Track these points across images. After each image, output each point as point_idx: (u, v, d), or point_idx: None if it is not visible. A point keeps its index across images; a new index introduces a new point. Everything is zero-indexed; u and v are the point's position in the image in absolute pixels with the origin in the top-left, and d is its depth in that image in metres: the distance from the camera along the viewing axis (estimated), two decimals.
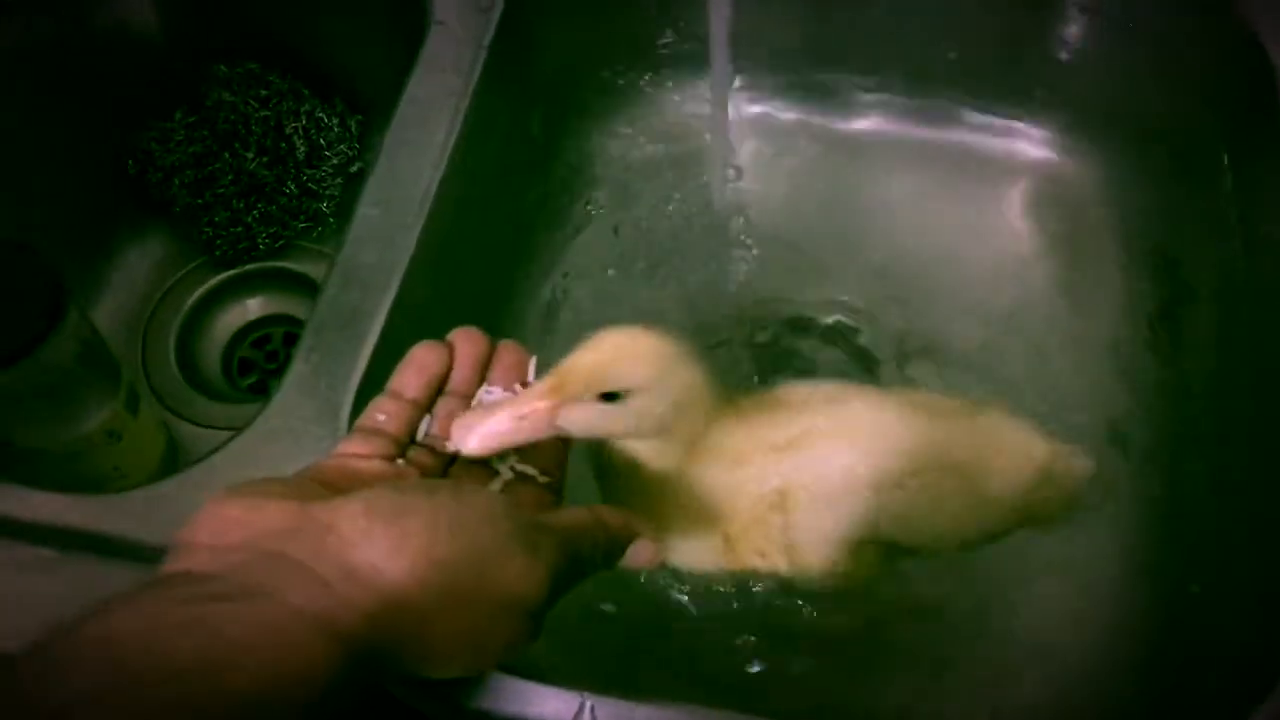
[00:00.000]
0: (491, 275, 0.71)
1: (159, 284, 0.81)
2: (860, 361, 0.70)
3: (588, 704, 0.44)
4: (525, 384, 0.47)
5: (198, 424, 0.76)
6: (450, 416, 0.45)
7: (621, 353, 0.43)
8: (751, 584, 0.55)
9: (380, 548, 0.34)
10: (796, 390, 0.53)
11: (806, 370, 0.70)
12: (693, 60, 0.76)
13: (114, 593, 0.31)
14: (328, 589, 0.33)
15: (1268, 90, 0.61)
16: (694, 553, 0.51)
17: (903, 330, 0.71)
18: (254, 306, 0.82)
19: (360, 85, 0.82)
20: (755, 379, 0.69)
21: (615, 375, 0.43)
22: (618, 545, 0.42)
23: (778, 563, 0.50)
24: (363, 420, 0.44)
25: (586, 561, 0.40)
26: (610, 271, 0.74)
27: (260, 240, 0.80)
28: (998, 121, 0.77)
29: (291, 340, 0.81)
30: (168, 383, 0.78)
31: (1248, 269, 0.63)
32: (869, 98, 0.78)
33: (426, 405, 0.45)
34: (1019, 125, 0.77)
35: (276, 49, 0.80)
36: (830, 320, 0.72)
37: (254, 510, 0.35)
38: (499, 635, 0.37)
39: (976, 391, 0.68)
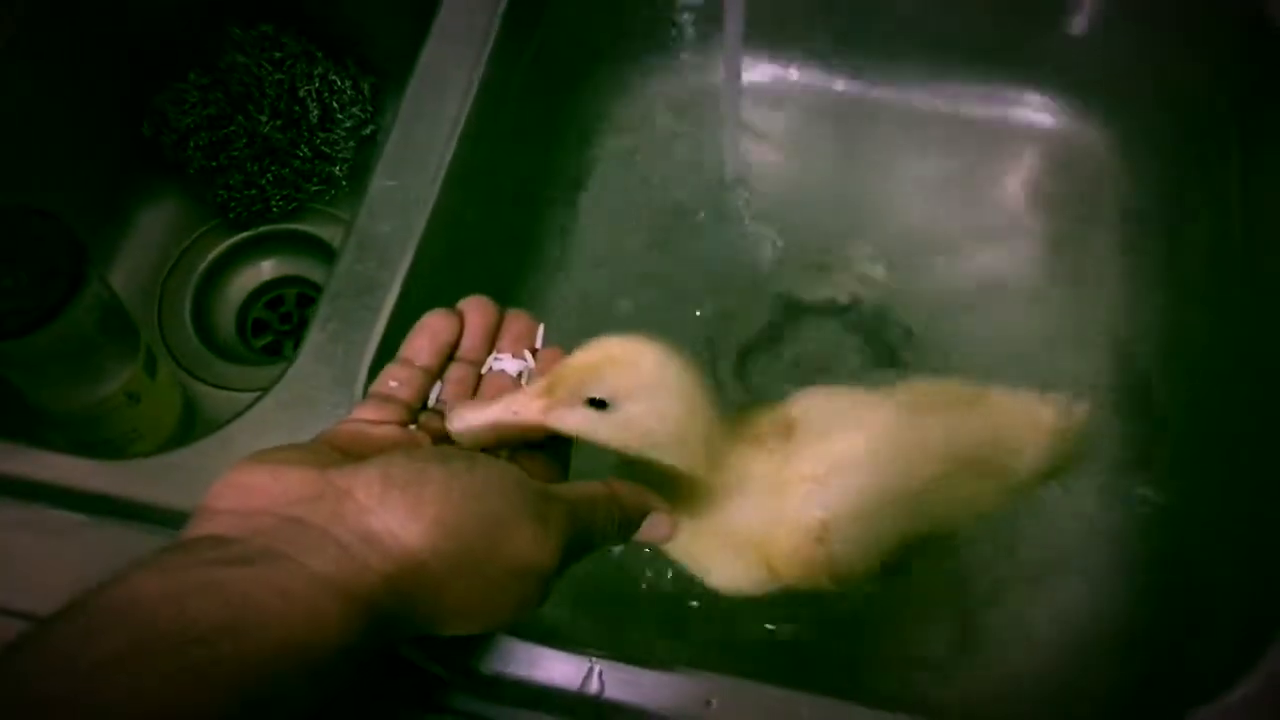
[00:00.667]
0: (504, 244, 0.72)
1: (174, 246, 0.82)
2: (869, 332, 0.71)
3: (596, 668, 0.46)
4: (534, 351, 0.48)
5: (213, 385, 0.78)
6: (461, 383, 0.46)
7: (614, 359, 0.43)
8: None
9: (396, 514, 0.35)
10: (810, 404, 0.51)
11: (816, 341, 0.71)
12: (705, 29, 0.77)
13: (138, 556, 0.32)
14: (346, 553, 0.34)
15: (1277, 65, 0.61)
16: (733, 576, 0.50)
17: (911, 298, 0.72)
18: (268, 268, 0.83)
19: (373, 48, 0.83)
20: (760, 360, 0.70)
21: (604, 381, 0.42)
22: (631, 519, 0.43)
23: (823, 584, 0.50)
24: (376, 387, 0.45)
25: (598, 533, 0.41)
26: (621, 241, 0.74)
27: (274, 203, 0.81)
28: (1008, 93, 0.77)
29: (305, 301, 0.82)
30: (183, 344, 0.79)
31: (1245, 245, 0.64)
32: (880, 68, 0.78)
33: (437, 372, 0.46)
34: (1029, 97, 0.77)
35: (290, 11, 0.80)
36: (838, 288, 0.72)
37: (275, 477, 0.36)
38: (509, 599, 0.38)
39: (983, 359, 0.69)
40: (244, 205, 0.80)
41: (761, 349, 0.71)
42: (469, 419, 0.43)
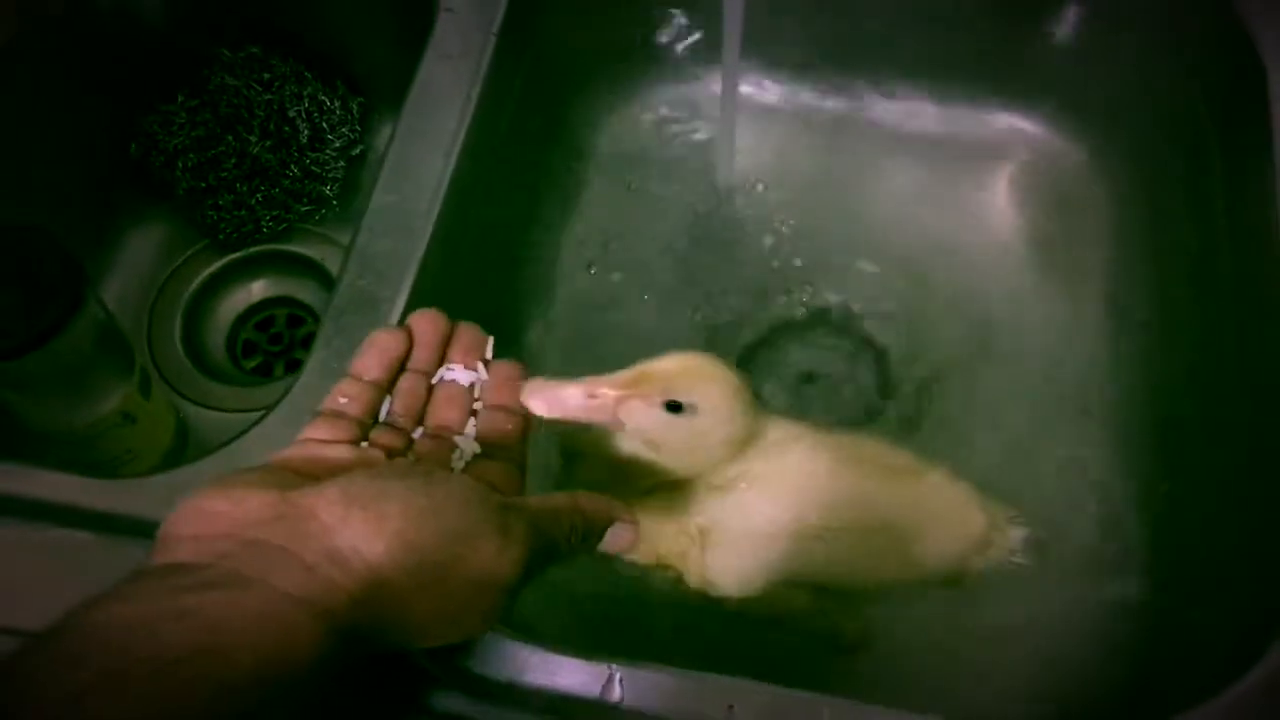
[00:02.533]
0: (504, 259, 0.72)
1: (163, 268, 0.81)
2: (861, 338, 0.72)
3: (616, 675, 0.46)
4: (486, 362, 0.49)
5: (205, 406, 0.77)
6: (411, 393, 0.47)
7: (701, 372, 0.47)
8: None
9: (358, 532, 0.35)
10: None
11: (809, 347, 0.72)
12: (701, 44, 0.78)
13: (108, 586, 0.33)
14: (311, 573, 0.34)
15: (1257, 79, 0.63)
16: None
17: (901, 306, 0.73)
18: (258, 289, 0.82)
19: (361, 68, 0.83)
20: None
21: (690, 388, 0.46)
22: (594, 530, 0.43)
23: (697, 584, 0.52)
24: (326, 404, 0.45)
25: (562, 544, 0.41)
26: (618, 250, 0.75)
27: (264, 223, 0.81)
28: (993, 106, 0.79)
29: (295, 322, 0.82)
30: (174, 366, 0.78)
31: (1231, 249, 0.65)
32: (868, 84, 0.79)
33: (387, 387, 0.47)
34: (1014, 109, 0.79)
35: (278, 32, 0.80)
36: (829, 296, 0.73)
37: (235, 502, 0.36)
38: (474, 611, 0.38)
39: (974, 368, 0.70)
40: (234, 226, 0.80)
41: (756, 354, 0.71)
42: (549, 401, 0.45)
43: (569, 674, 0.46)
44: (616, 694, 0.45)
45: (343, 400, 0.45)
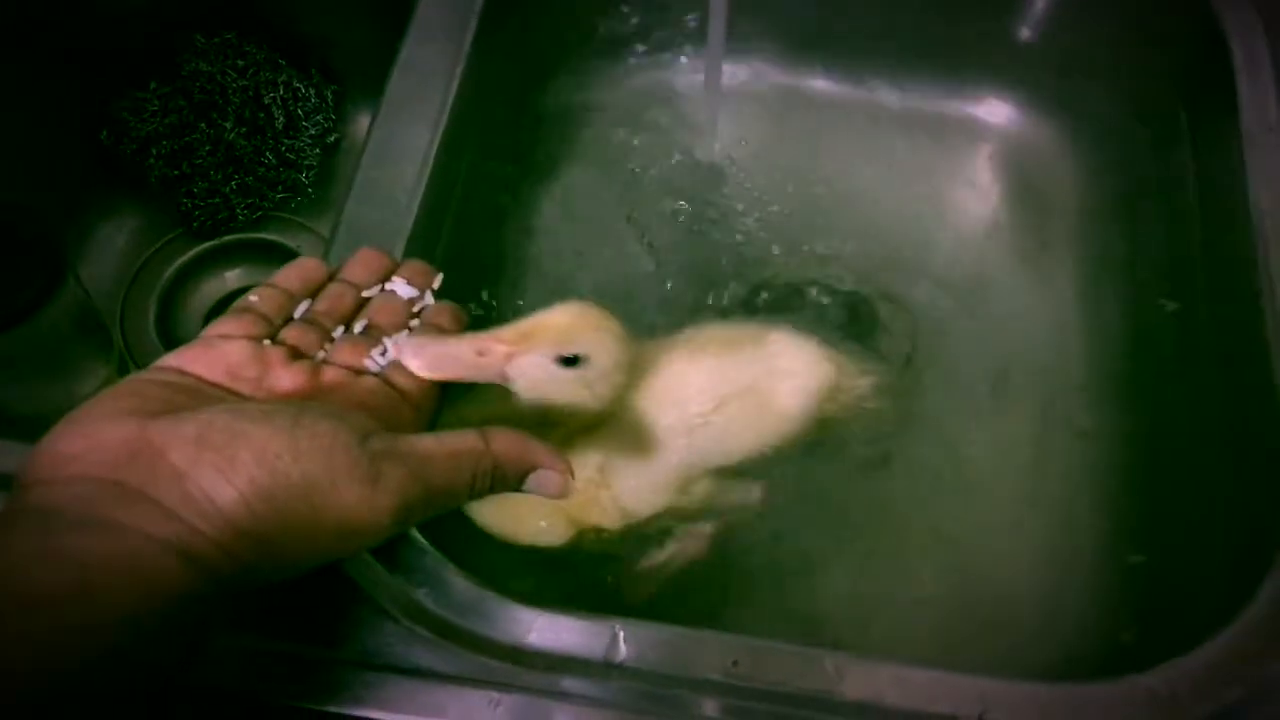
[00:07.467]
0: (489, 233, 0.72)
1: (136, 256, 0.80)
2: (841, 313, 0.72)
3: (620, 633, 0.45)
4: (434, 290, 0.49)
5: None
6: (339, 297, 0.47)
7: (592, 323, 0.46)
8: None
9: (208, 477, 0.34)
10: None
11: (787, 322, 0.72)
12: (683, 25, 0.78)
13: None
14: (171, 516, 0.34)
15: (1222, 57, 0.64)
16: (537, 530, 0.53)
17: (879, 283, 0.73)
18: (232, 278, 0.81)
19: (336, 56, 0.83)
20: None
21: (582, 341, 0.45)
22: (507, 476, 0.41)
23: (615, 522, 0.53)
24: (237, 303, 0.45)
25: (463, 490, 0.39)
26: (603, 226, 0.75)
27: (239, 211, 0.80)
28: (968, 91, 0.80)
29: None
30: (148, 354, 0.77)
31: (1203, 233, 0.66)
32: (846, 68, 0.80)
33: (302, 298, 0.46)
34: (988, 94, 0.80)
35: (252, 19, 0.80)
36: (808, 274, 0.73)
37: (91, 440, 0.35)
38: (344, 550, 0.38)
39: (953, 345, 0.71)
40: (208, 214, 0.79)
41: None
42: (434, 359, 0.43)
43: (573, 634, 0.46)
44: (621, 652, 0.45)
45: (253, 299, 0.44)
